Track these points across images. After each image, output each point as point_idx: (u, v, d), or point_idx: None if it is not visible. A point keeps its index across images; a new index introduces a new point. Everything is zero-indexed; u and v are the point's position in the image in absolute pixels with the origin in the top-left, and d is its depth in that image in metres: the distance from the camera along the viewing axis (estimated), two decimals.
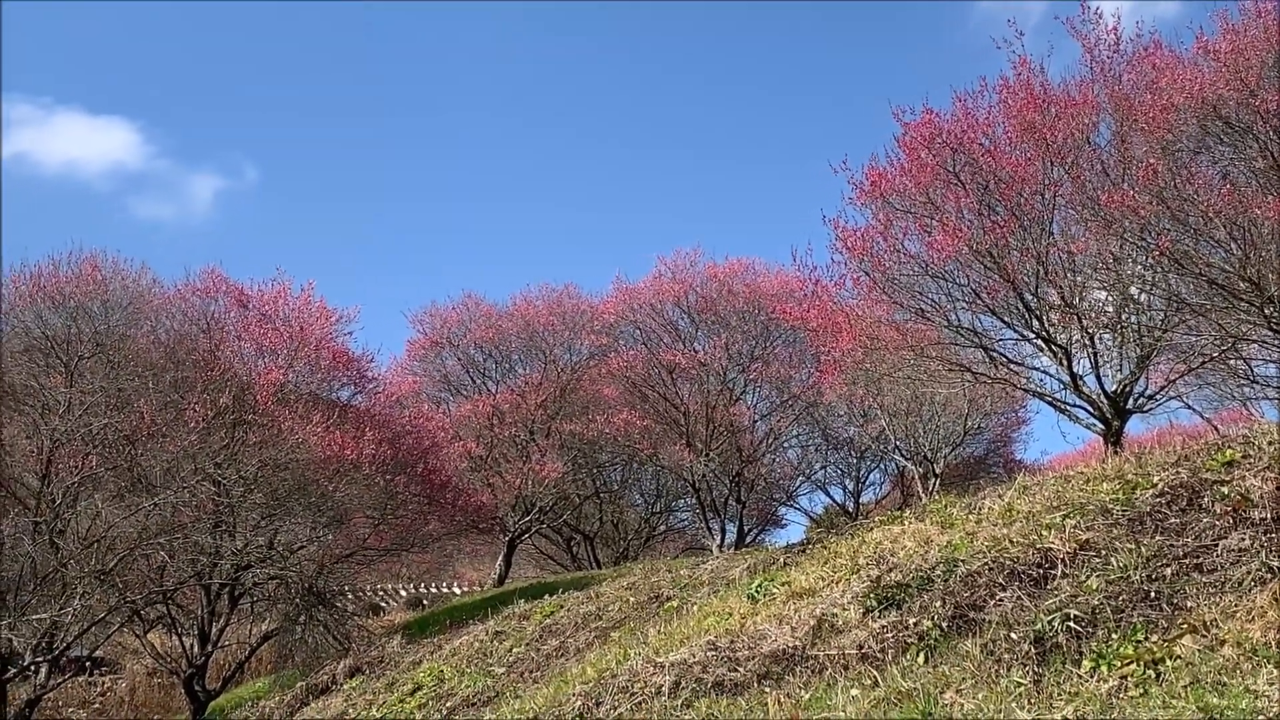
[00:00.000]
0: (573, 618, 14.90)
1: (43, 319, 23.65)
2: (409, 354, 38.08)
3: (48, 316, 23.65)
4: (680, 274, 35.81)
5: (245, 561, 23.27)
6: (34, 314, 23.72)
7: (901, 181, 20.11)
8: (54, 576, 20.93)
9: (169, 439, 21.97)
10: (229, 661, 26.69)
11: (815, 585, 9.87)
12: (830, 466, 41.37)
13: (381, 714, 12.97)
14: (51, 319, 23.64)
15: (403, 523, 27.46)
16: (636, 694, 8.58)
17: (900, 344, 21.15)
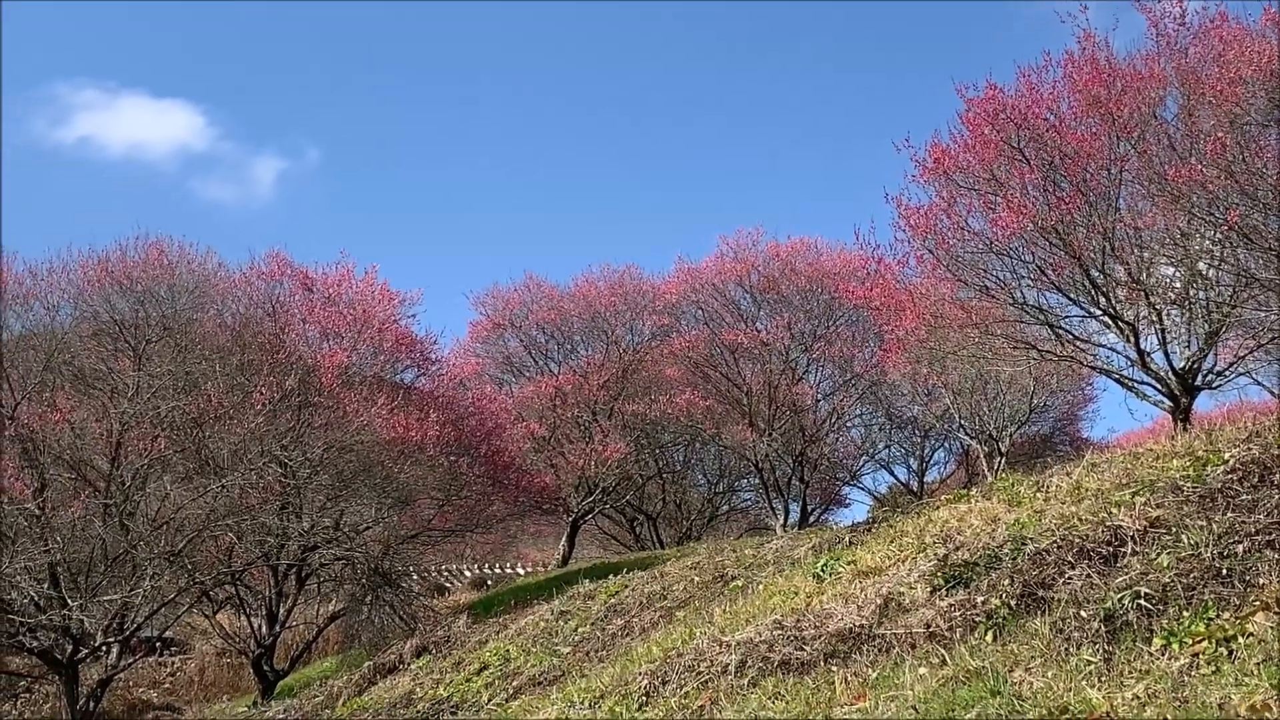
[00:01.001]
0: (637, 597, 14.91)
1: (111, 303, 23.89)
2: (471, 335, 38.23)
3: (116, 301, 23.88)
4: (742, 253, 35.74)
5: (312, 542, 23.46)
6: (102, 298, 23.96)
7: (965, 158, 19.95)
8: (124, 558, 21.19)
9: (236, 421, 22.16)
10: (296, 642, 26.94)
11: (881, 564, 9.81)
12: (894, 446, 41.22)
13: (449, 693, 13.03)
14: (119, 303, 23.88)
15: (467, 504, 27.58)
16: (703, 673, 8.57)
17: (965, 322, 21.01)
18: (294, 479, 22.74)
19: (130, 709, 28.63)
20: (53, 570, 21.15)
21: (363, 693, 15.31)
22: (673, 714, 8.02)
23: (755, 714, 7.38)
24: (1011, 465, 27.09)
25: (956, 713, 6.31)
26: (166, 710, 27.41)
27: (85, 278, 24.14)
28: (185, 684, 31.26)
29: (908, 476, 41.79)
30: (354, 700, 14.73)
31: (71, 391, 22.93)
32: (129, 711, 28.36)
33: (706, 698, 8.04)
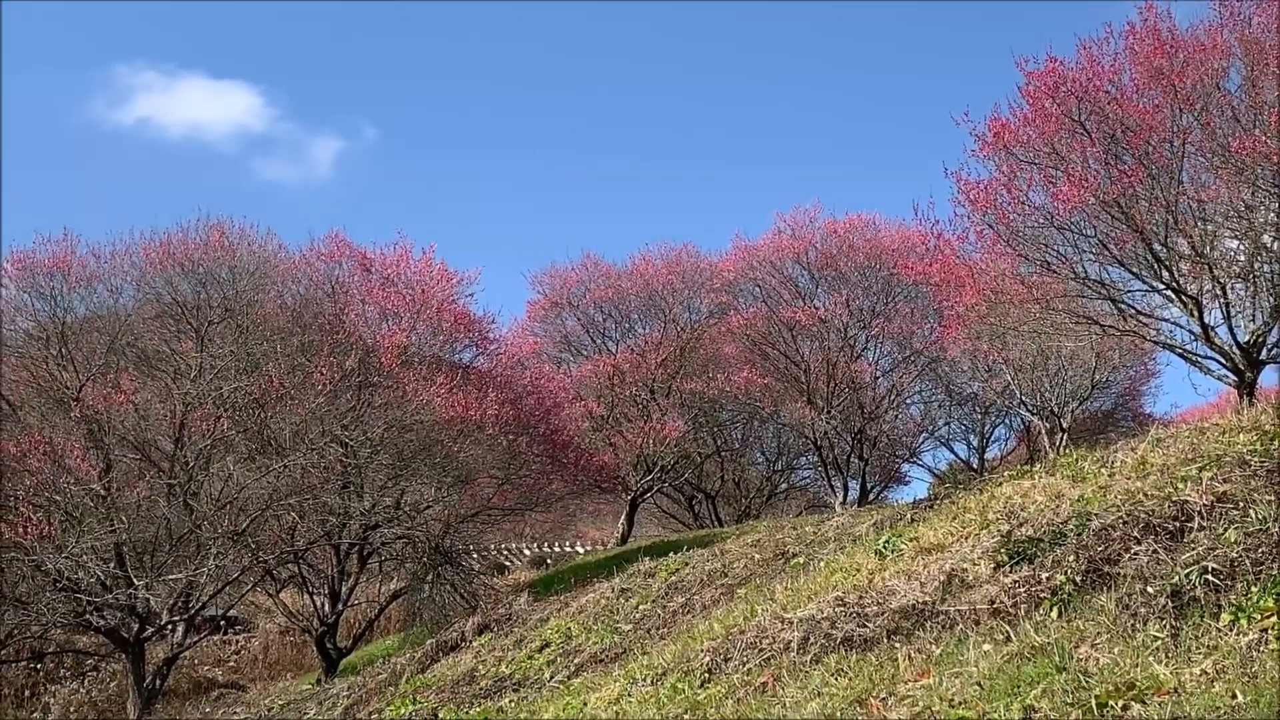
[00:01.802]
0: (698, 575, 14.91)
1: (173, 285, 24.11)
2: (529, 315, 38.28)
3: (178, 282, 24.10)
4: (800, 230, 35.59)
5: (373, 521, 23.60)
6: (164, 280, 24.17)
7: (1025, 132, 19.76)
8: (188, 537, 21.43)
9: (297, 402, 22.33)
10: (359, 620, 27.14)
11: (944, 541, 9.76)
12: (954, 422, 40.99)
13: (511, 670, 13.09)
14: (181, 285, 24.10)
15: (526, 482, 27.67)
16: (765, 650, 8.55)
17: (1025, 298, 20.84)
18: (355, 458, 22.89)
19: (195, 687, 28.93)
20: (119, 550, 21.41)
21: (426, 670, 15.38)
22: (735, 691, 8.02)
23: (818, 690, 7.37)
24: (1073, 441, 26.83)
25: (1022, 689, 6.27)
26: (231, 688, 27.67)
27: (148, 260, 24.37)
28: (249, 662, 31.56)
29: (968, 453, 41.60)
30: (417, 678, 14.80)
31: (135, 373, 23.18)
32: (194, 689, 28.66)
33: (769, 675, 8.03)
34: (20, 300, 23.41)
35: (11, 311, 23.41)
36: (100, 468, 21.76)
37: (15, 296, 23.40)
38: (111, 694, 27.93)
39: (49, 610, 21.78)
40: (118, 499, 21.53)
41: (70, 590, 21.20)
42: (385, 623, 29.50)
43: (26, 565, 20.97)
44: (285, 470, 21.83)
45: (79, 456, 21.39)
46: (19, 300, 23.41)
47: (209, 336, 23.50)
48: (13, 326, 23.65)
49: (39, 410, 22.93)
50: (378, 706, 13.68)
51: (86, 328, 23.97)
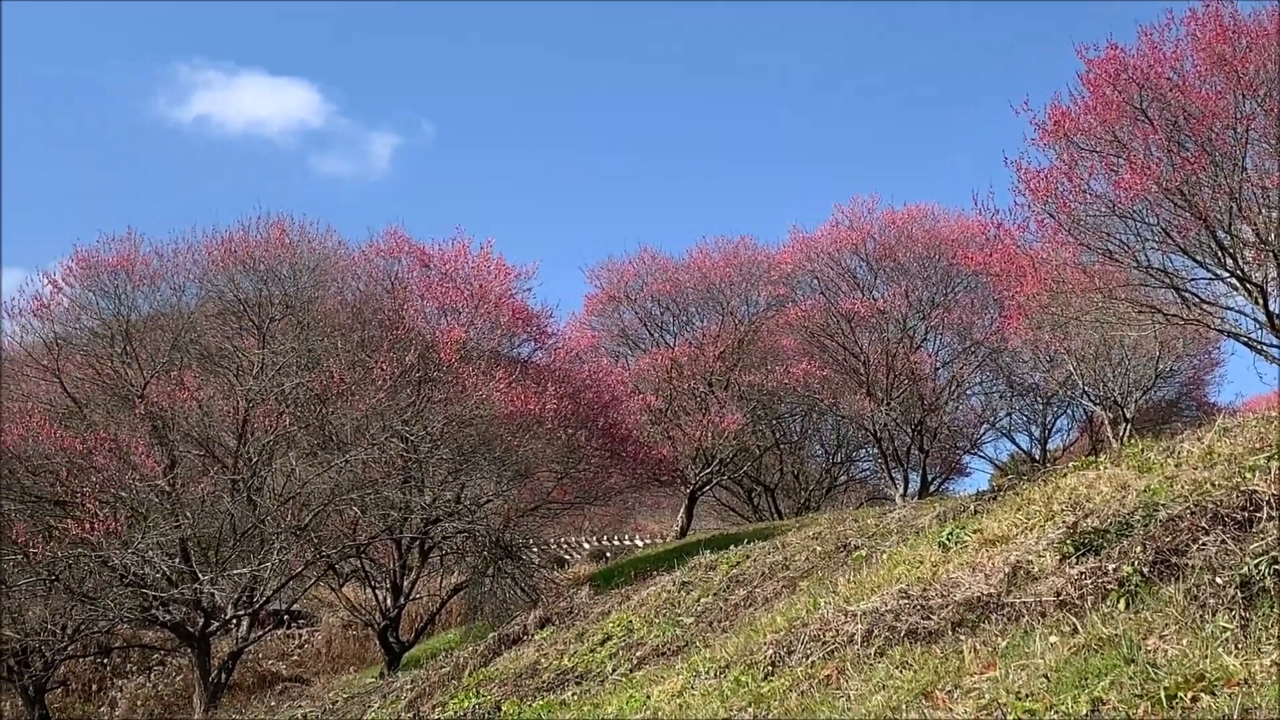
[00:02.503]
0: (759, 568, 14.88)
1: (235, 283, 24.29)
2: (587, 309, 38.36)
3: (239, 280, 24.28)
4: (858, 221, 35.42)
5: (434, 516, 23.73)
6: (226, 278, 24.37)
7: (1086, 120, 19.62)
8: (252, 533, 21.62)
9: (358, 397, 22.46)
10: (421, 613, 27.29)
11: (1008, 532, 9.68)
12: (1015, 413, 40.75)
13: (573, 663, 13.11)
14: (243, 282, 24.28)
15: (585, 476, 27.69)
16: (828, 642, 8.52)
17: (1087, 287, 20.70)
18: (415, 453, 23.00)
19: (260, 681, 29.19)
20: (184, 545, 21.63)
21: (488, 663, 15.43)
22: (799, 684, 8.00)
23: (883, 683, 7.34)
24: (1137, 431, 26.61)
25: (1089, 681, 6.21)
26: (295, 682, 27.91)
27: (210, 258, 24.58)
28: (313, 655, 31.81)
29: (1030, 444, 41.35)
30: (480, 671, 14.86)
31: (198, 370, 23.38)
32: (259, 683, 28.92)
33: (833, 668, 8.01)
34: (85, 299, 23.67)
35: (76, 310, 23.67)
36: (165, 464, 21.99)
37: (80, 295, 23.66)
38: (177, 688, 28.24)
39: (116, 605, 22.05)
40: (182, 495, 21.74)
41: (136, 585, 21.45)
42: (446, 616, 29.64)
43: (93, 561, 21.22)
44: (347, 465, 21.97)
45: (144, 453, 21.61)
46: (84, 299, 23.66)
47: (270, 333, 23.68)
48: (78, 325, 23.91)
49: (104, 408, 23.18)
50: (441, 700, 13.74)
51: (150, 325, 24.20)
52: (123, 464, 21.51)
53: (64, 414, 22.56)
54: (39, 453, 21.40)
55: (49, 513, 21.90)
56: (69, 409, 22.74)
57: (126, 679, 29.29)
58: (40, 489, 21.79)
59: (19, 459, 21.36)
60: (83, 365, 23.42)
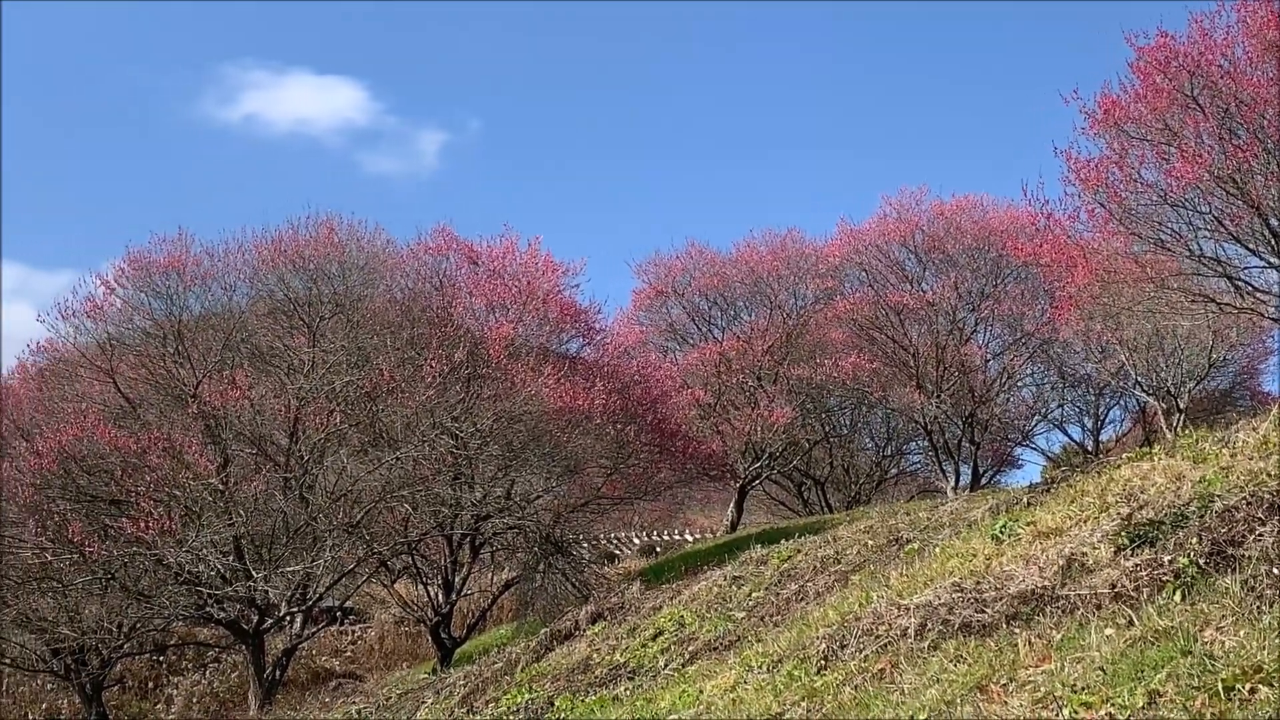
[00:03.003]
0: (810, 562, 14.83)
1: (285, 282, 24.45)
2: (634, 304, 38.32)
3: (289, 279, 24.43)
4: (905, 213, 35.20)
5: (484, 512, 23.80)
6: (276, 277, 24.52)
7: (1136, 108, 19.46)
8: (305, 530, 21.76)
9: (407, 395, 22.55)
10: (472, 609, 27.41)
11: (1062, 524, 9.62)
12: (1067, 405, 40.44)
13: (625, 658, 13.12)
14: (293, 281, 24.43)
15: (635, 471, 27.69)
16: (881, 636, 8.50)
17: (1139, 276, 20.54)
18: (465, 450, 23.07)
19: (314, 677, 29.42)
20: (237, 543, 21.79)
21: (540, 659, 15.47)
22: (853, 678, 7.98)
23: (937, 677, 7.31)
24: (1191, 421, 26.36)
25: (1146, 673, 6.17)
26: (349, 678, 28.12)
27: (260, 257, 24.74)
28: (366, 652, 32.02)
29: (1082, 436, 41.05)
30: (532, 666, 14.90)
31: (250, 369, 23.54)
32: (313, 679, 29.15)
33: (886, 661, 7.98)
34: (138, 299, 23.87)
35: (129, 310, 23.88)
36: (218, 463, 22.16)
37: (133, 296, 23.86)
38: (232, 684, 28.48)
39: (171, 603, 22.26)
40: (235, 493, 21.90)
41: (191, 583, 21.63)
42: (498, 612, 29.76)
43: (149, 559, 21.42)
44: (397, 462, 22.07)
45: (198, 452, 21.80)
46: (136, 299, 23.87)
47: (320, 332, 23.82)
48: (131, 325, 24.12)
49: (158, 407, 23.39)
50: (494, 695, 13.78)
51: (202, 325, 24.38)
52: (177, 463, 21.70)
53: (118, 414, 22.77)
54: (94, 452, 21.62)
55: (104, 512, 22.11)
56: (123, 409, 22.96)
57: (182, 676, 29.58)
58: (96, 488, 22.01)
59: (74, 459, 21.58)
60: (136, 365, 23.63)
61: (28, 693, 29.25)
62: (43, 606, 22.99)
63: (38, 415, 23.17)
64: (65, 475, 21.75)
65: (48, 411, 23.20)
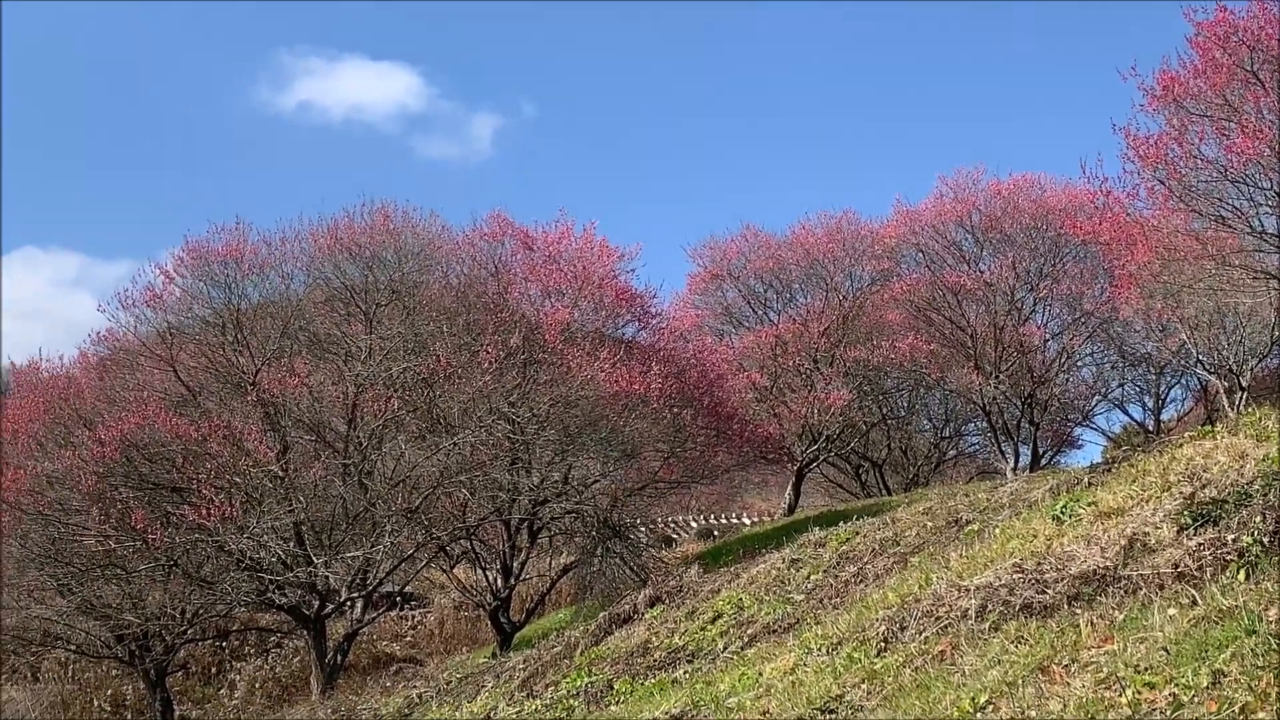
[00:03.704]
0: (869, 544, 14.80)
1: (341, 269, 24.56)
2: (690, 288, 38.24)
3: (346, 267, 24.55)
4: (962, 193, 34.89)
5: (542, 497, 23.86)
6: (333, 265, 24.64)
7: (1195, 84, 19.21)
8: (364, 516, 21.91)
9: (464, 380, 22.63)
10: (531, 594, 27.48)
11: (1124, 504, 9.54)
12: (1127, 384, 40.04)
13: (684, 641, 13.14)
14: (349, 269, 24.54)
15: (691, 455, 27.66)
16: (941, 618, 8.46)
17: (1200, 254, 20.31)
18: (522, 435, 23.13)
19: (375, 662, 29.61)
20: (298, 529, 21.97)
21: (599, 642, 15.51)
22: (913, 659, 7.95)
23: (998, 658, 7.27)
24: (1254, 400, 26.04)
25: (1209, 653, 6.11)
26: (409, 662, 28.26)
27: (316, 245, 24.87)
28: (426, 636, 32.20)
29: (1143, 415, 40.66)
30: (591, 650, 14.94)
31: (308, 356, 23.71)
32: (373, 664, 29.34)
33: (947, 643, 7.95)
34: (197, 288, 24.05)
35: (188, 299, 24.06)
36: (277, 449, 22.33)
37: (192, 285, 24.04)
38: (294, 669, 28.72)
39: (233, 589, 22.49)
40: (295, 480, 22.08)
41: (252, 569, 21.84)
42: (556, 596, 29.83)
43: (210, 546, 21.66)
44: (455, 448, 22.16)
45: (257, 439, 21.98)
46: (195, 288, 24.05)
47: (377, 319, 23.92)
48: (190, 314, 24.31)
49: (218, 395, 23.59)
50: (554, 679, 13.83)
51: (260, 313, 24.55)
52: (237, 450, 21.89)
53: (179, 402, 22.98)
54: (156, 440, 21.85)
55: (166, 499, 22.36)
56: (183, 397, 23.17)
57: (245, 662, 29.86)
58: (158, 476, 22.25)
59: (137, 447, 21.82)
60: (196, 354, 23.82)
61: (93, 679, 29.63)
62: (107, 593, 23.28)
63: (100, 404, 23.38)
64: (128, 463, 22.00)
65: (109, 400, 23.41)
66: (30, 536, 22.33)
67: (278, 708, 23.44)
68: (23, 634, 25.55)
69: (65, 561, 22.72)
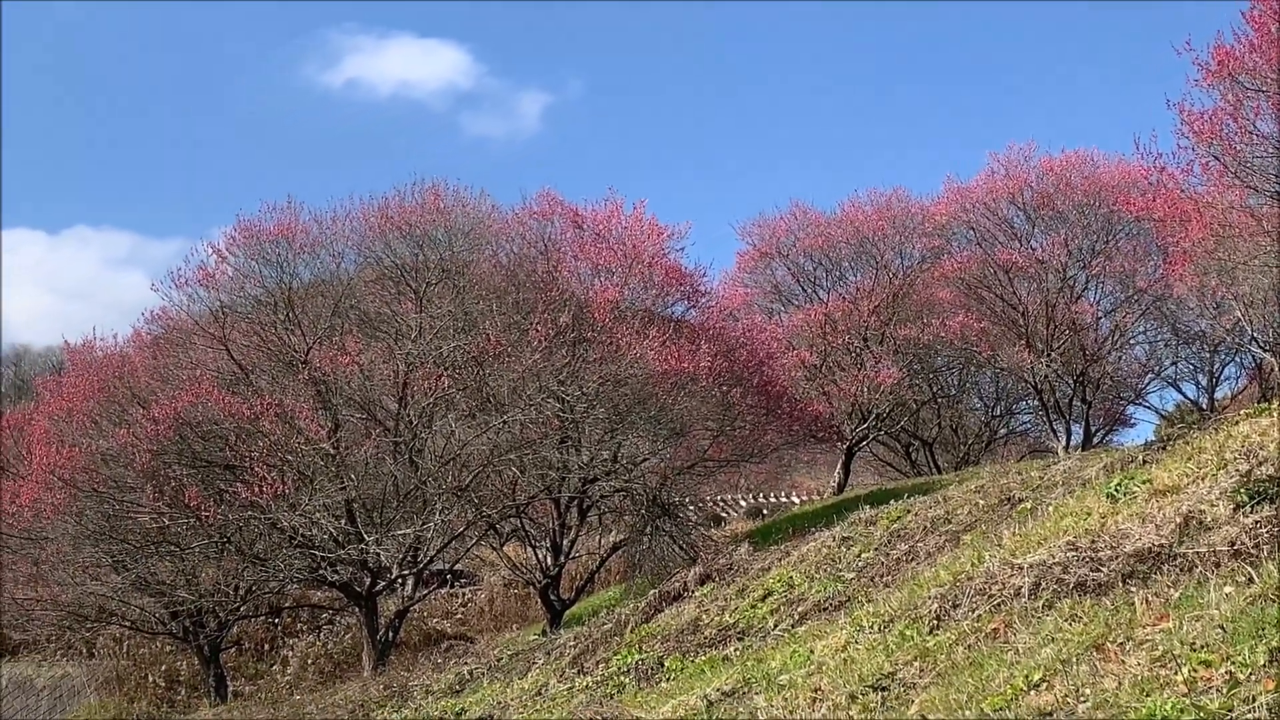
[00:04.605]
0: (920, 522, 14.73)
1: (391, 248, 24.66)
2: (739, 266, 38.16)
3: (396, 246, 24.64)
4: (1014, 170, 34.60)
5: (591, 475, 23.90)
6: (383, 244, 24.75)
7: (1251, 59, 19.00)
8: (414, 494, 22.03)
9: (514, 359, 22.69)
10: (580, 572, 27.55)
11: (1179, 482, 9.46)
12: (1181, 362, 39.62)
13: (734, 619, 13.14)
14: (400, 248, 24.63)
15: (741, 434, 27.63)
16: (994, 596, 8.42)
17: (1256, 230, 20.10)
18: (571, 413, 23.18)
19: (425, 639, 29.78)
20: (349, 507, 22.11)
21: (649, 620, 15.53)
22: (965, 637, 7.92)
23: (1052, 636, 7.23)
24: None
25: (1267, 631, 6.06)
26: (460, 639, 28.40)
27: (367, 224, 24.99)
28: (476, 614, 32.36)
29: (1196, 393, 40.24)
30: (642, 628, 14.96)
31: (358, 335, 23.82)
32: (424, 641, 29.50)
33: (1000, 621, 7.91)
34: (249, 267, 24.20)
35: (241, 279, 24.22)
36: (329, 427, 22.47)
37: (244, 264, 24.19)
38: (346, 646, 28.93)
39: (285, 566, 22.68)
40: (347, 457, 22.21)
41: (305, 547, 22.01)
42: (605, 574, 29.88)
43: (263, 523, 21.85)
44: (505, 426, 22.23)
45: (309, 417, 22.12)
46: (248, 268, 24.20)
47: (428, 297, 24.00)
48: (242, 293, 24.48)
49: (270, 374, 23.76)
50: (604, 655, 13.86)
51: (311, 292, 24.70)
52: (289, 428, 22.05)
53: (231, 380, 23.16)
54: (209, 418, 22.04)
55: (219, 477, 22.55)
56: (236, 375, 23.34)
57: (297, 638, 30.11)
58: (211, 454, 22.45)
59: (190, 425, 22.01)
60: (248, 332, 23.99)
61: (148, 654, 29.97)
62: (161, 570, 23.55)
63: (153, 383, 23.59)
64: (181, 441, 22.21)
65: (163, 379, 23.63)
66: (86, 514, 22.60)
67: (330, 684, 23.57)
68: (78, 610, 25.85)
69: (120, 538, 22.98)
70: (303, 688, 25.87)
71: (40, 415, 26.40)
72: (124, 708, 28.75)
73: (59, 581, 24.76)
